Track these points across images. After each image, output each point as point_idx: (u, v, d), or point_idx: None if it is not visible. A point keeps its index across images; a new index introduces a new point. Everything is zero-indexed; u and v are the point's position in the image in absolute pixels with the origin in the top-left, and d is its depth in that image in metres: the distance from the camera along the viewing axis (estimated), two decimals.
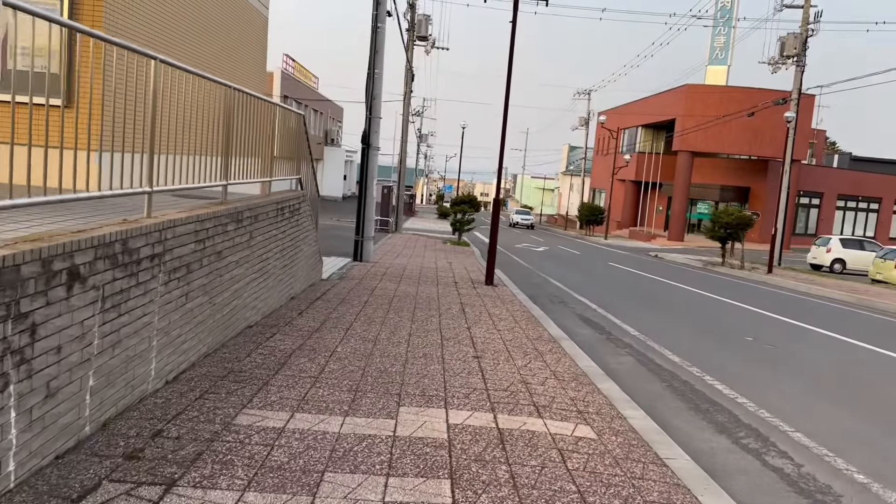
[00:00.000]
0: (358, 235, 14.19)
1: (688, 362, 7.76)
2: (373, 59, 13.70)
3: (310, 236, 9.65)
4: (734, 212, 25.17)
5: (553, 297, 12.58)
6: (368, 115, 13.96)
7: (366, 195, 14.11)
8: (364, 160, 14.08)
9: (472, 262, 17.17)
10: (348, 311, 8.02)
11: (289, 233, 8.23)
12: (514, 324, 8.26)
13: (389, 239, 23.05)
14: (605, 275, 18.82)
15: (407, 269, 13.59)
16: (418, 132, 72.26)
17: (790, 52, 26.28)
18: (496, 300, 10.23)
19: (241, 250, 6.25)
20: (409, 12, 28.60)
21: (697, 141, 40.42)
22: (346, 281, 10.82)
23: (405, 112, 29.17)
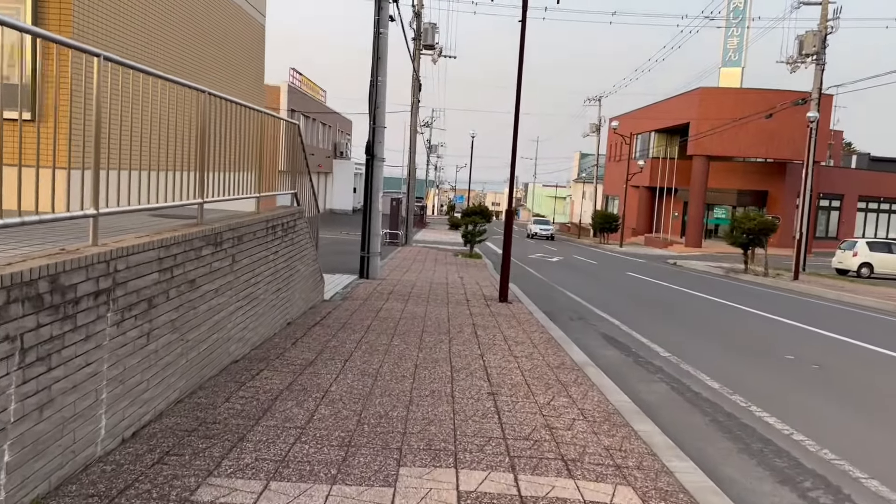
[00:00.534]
0: (364, 251, 13.47)
1: (728, 389, 6.93)
2: (375, 66, 13.02)
3: (308, 255, 8.93)
4: (756, 216, 24.24)
5: (572, 313, 11.76)
6: (372, 124, 13.27)
7: (371, 209, 13.39)
8: (368, 172, 13.37)
9: (485, 276, 16.38)
10: (349, 339, 7.26)
11: (282, 253, 7.50)
12: (532, 348, 7.46)
13: (399, 252, 22.32)
14: (625, 286, 17.96)
15: (416, 286, 12.83)
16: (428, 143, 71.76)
17: (809, 51, 25.37)
18: (511, 320, 9.44)
19: (222, 276, 5.52)
20: (415, 21, 28.01)
21: (713, 144, 39.48)
22: (349, 302, 10.07)
23: (413, 122, 28.52)
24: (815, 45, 25.19)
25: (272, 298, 7.09)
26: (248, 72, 12.32)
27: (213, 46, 10.72)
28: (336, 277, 13.18)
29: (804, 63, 25.88)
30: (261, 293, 6.64)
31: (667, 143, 47.82)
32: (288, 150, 8.09)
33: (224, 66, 11.18)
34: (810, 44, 25.30)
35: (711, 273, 25.48)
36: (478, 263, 20.69)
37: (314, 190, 9.57)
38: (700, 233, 41.40)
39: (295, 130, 8.26)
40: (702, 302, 15.06)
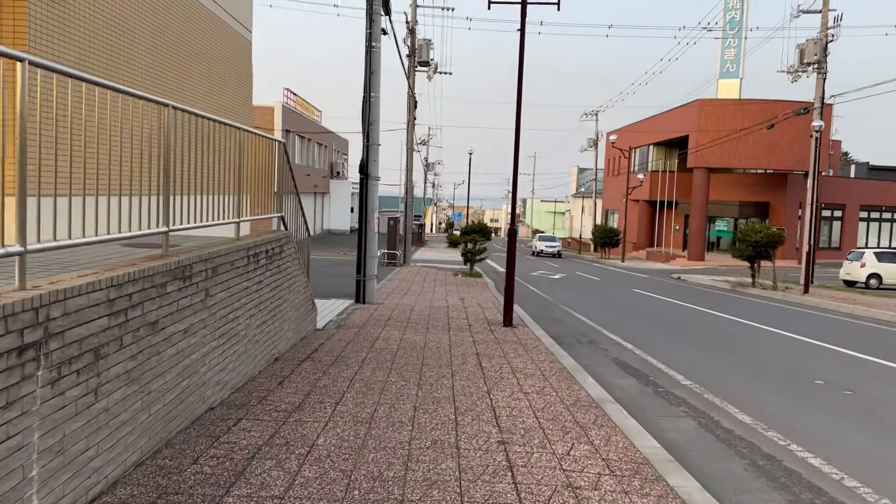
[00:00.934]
0: (359, 275, 12.82)
1: (762, 423, 6.26)
2: (368, 82, 12.46)
3: (297, 283, 8.28)
4: (762, 228, 23.63)
5: (580, 335, 11.10)
6: (366, 142, 12.68)
7: (366, 230, 12.76)
8: (363, 191, 12.76)
9: (487, 297, 15.72)
10: (341, 375, 6.59)
11: (267, 282, 6.86)
12: (543, 381, 6.79)
13: (397, 273, 21.67)
14: (632, 303, 17.30)
15: (415, 310, 12.17)
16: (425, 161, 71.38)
17: (810, 59, 24.96)
18: (518, 347, 8.77)
19: (193, 314, 4.87)
20: (409, 37, 27.60)
21: (713, 157, 39.03)
22: (343, 331, 9.41)
23: (409, 140, 28.01)
24: (817, 54, 24.77)
25: (256, 334, 6.44)
26: (235, 89, 11.76)
27: (196, 63, 10.16)
28: (331, 303, 12.52)
29: (805, 72, 25.46)
30: (241, 329, 5.99)
31: (666, 156, 47.39)
32: (273, 170, 7.47)
33: (208, 82, 10.62)
34: (811, 52, 24.88)
35: (718, 288, 24.83)
36: (479, 283, 20.04)
37: (304, 212, 8.95)
38: (702, 246, 40.80)
39: (280, 149, 7.65)
40: (714, 320, 14.39)
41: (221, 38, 11.20)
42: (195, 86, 10.24)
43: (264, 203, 7.25)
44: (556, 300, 17.01)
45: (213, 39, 10.85)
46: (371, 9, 12.46)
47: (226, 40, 11.32)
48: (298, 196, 8.58)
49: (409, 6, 27.73)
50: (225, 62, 11.40)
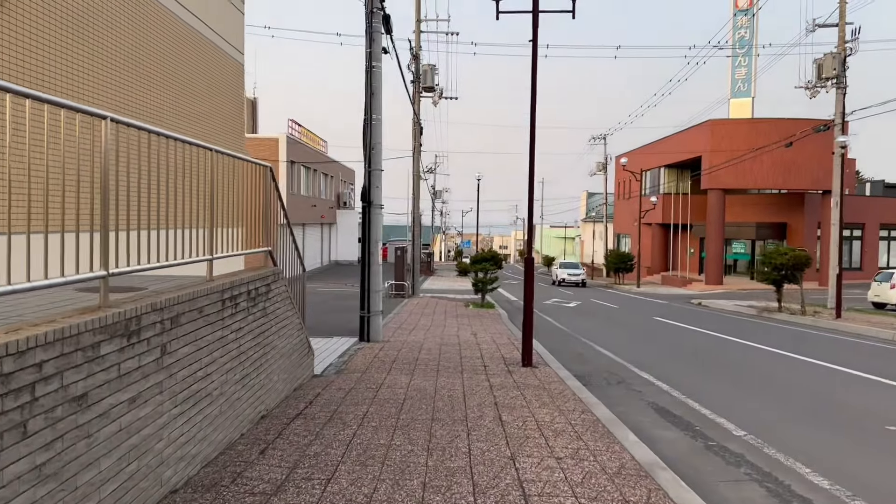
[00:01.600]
0: (363, 310, 11.83)
1: (842, 488, 5.17)
2: (369, 103, 11.63)
3: (289, 326, 7.30)
4: (787, 251, 22.52)
5: (608, 373, 10.02)
6: (367, 167, 11.80)
7: (369, 262, 11.81)
8: (366, 220, 11.83)
9: (501, 330, 14.67)
10: (336, 439, 5.57)
11: (250, 329, 5.88)
12: (576, 441, 5.74)
13: (405, 306, 20.66)
14: (656, 334, 16.18)
15: (424, 348, 11.14)
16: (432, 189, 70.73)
17: (829, 74, 24.06)
18: (541, 393, 7.72)
19: (144, 378, 3.89)
20: (413, 63, 26.97)
21: (727, 177, 38.04)
22: (344, 377, 8.39)
23: (415, 167, 27.22)
24: (835, 68, 23.88)
25: (235, 391, 5.44)
26: (224, 114, 10.92)
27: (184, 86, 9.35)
28: (333, 342, 11.52)
29: (824, 87, 24.55)
30: (215, 388, 5.00)
31: (678, 179, 46.46)
32: (258, 199, 6.55)
33: (198, 106, 9.79)
34: (830, 67, 24.00)
35: (743, 314, 23.65)
36: (491, 314, 19.01)
37: (297, 245, 8.00)
38: (720, 269, 39.59)
39: (267, 175, 6.73)
40: (749, 352, 13.25)
41: (212, 62, 10.40)
42: (183, 109, 9.41)
43: (249, 236, 6.32)
44: (574, 332, 15.93)
45: (202, 62, 10.05)
46: (371, 27, 11.67)
47: (217, 63, 10.52)
48: (290, 227, 7.64)
49: (412, 32, 27.16)
50: (216, 86, 10.59)
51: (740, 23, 38.77)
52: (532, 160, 10.00)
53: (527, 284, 9.70)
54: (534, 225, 11.26)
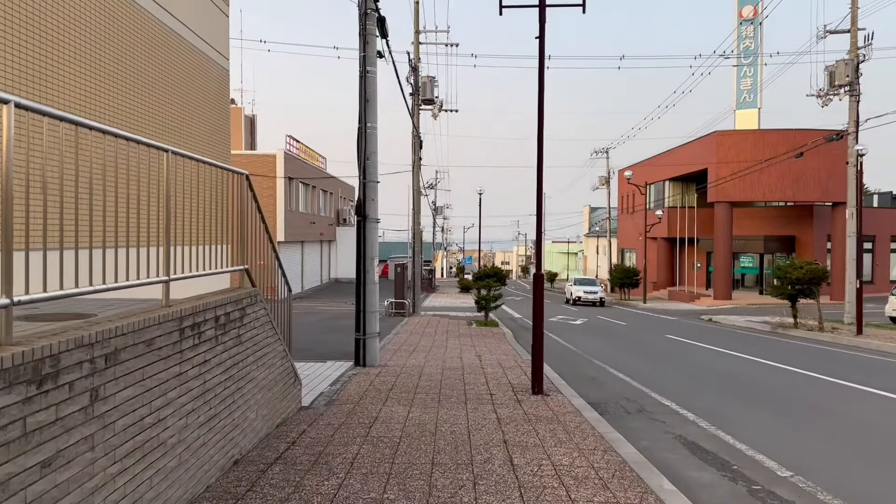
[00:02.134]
0: (358, 333, 10.99)
1: None
2: (364, 111, 10.88)
3: (271, 354, 6.47)
4: (803, 264, 21.67)
5: (625, 400, 9.15)
6: (362, 178, 11.02)
7: (365, 280, 10.99)
8: (360, 236, 11.04)
9: (506, 351, 13.82)
10: (319, 491, 4.72)
11: (218, 360, 5.06)
12: (602, 490, 4.88)
13: (405, 325, 19.80)
14: (670, 353, 15.30)
15: (424, 373, 10.29)
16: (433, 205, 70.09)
17: (842, 81, 23.35)
18: (555, 427, 6.86)
19: (66, 433, 3.07)
20: (412, 76, 26.32)
21: (735, 190, 37.25)
22: (335, 409, 7.54)
23: (414, 181, 26.48)
24: (848, 75, 23.18)
25: (199, 435, 4.60)
26: (208, 122, 10.17)
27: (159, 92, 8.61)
28: (326, 368, 10.68)
29: (837, 95, 23.83)
30: (170, 436, 4.16)
31: (683, 192, 45.71)
32: (232, 210, 5.75)
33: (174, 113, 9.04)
34: (842, 74, 23.29)
35: (757, 330, 22.75)
36: (495, 333, 18.14)
37: (281, 263, 7.19)
38: (729, 284, 38.69)
39: (242, 184, 5.94)
40: (774, 373, 12.37)
41: (195, 67, 9.68)
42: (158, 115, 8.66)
43: (227, 254, 5.51)
44: (584, 352, 15.05)
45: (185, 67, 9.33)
46: (364, 29, 10.95)
47: (200, 69, 9.80)
48: (273, 244, 6.83)
49: (410, 44, 26.56)
50: (200, 93, 9.86)
51: (745, 33, 38.19)
52: (540, 166, 9.20)
53: (536, 303, 8.86)
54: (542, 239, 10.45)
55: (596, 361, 13.44)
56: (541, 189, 9.22)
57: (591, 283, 38.41)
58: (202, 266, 5.03)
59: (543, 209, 9.35)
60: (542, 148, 9.06)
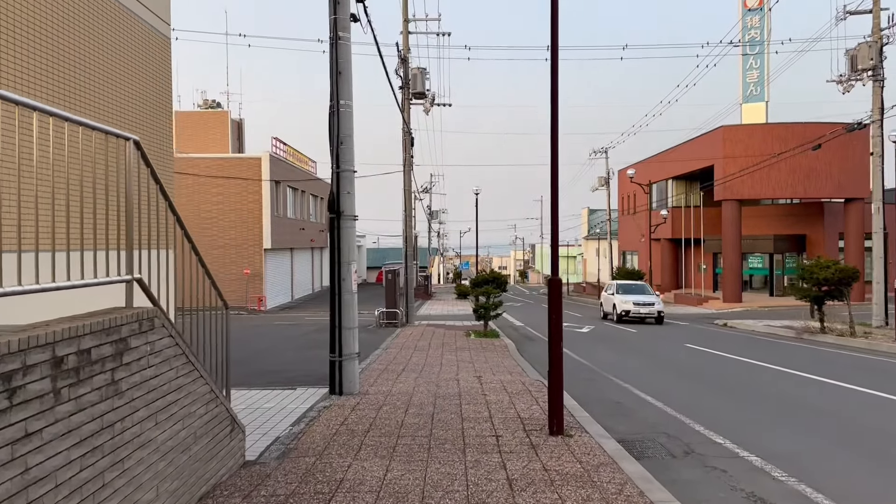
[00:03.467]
0: (333, 354, 9.06)
1: None
2: (335, 86, 8.99)
3: (184, 400, 4.54)
4: (829, 263, 19.80)
5: (666, 437, 7.25)
6: (335, 167, 9.12)
7: (340, 290, 9.07)
8: (333, 236, 9.13)
9: (511, 368, 11.91)
10: None
11: (64, 428, 3.13)
12: None
13: (396, 338, 17.87)
14: (699, 368, 13.39)
15: (412, 403, 8.37)
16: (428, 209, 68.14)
17: (865, 65, 21.57)
18: (590, 493, 4.95)
19: None
20: (402, 67, 24.48)
21: (743, 187, 35.47)
22: (288, 465, 5.61)
23: (406, 181, 24.59)
24: (872, 58, 21.40)
25: None
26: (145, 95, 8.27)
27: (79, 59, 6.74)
28: (294, 398, 8.76)
29: (860, 80, 22.05)
30: None
31: (686, 191, 43.92)
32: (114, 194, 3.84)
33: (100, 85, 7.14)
34: (865, 57, 21.52)
35: (780, 336, 20.88)
36: (496, 345, 16.23)
37: (208, 271, 5.25)
38: (738, 286, 36.87)
39: (129, 152, 4.02)
40: (836, 394, 10.47)
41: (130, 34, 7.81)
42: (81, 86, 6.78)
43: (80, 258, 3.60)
44: (599, 367, 13.13)
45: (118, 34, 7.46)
46: None
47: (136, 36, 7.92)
48: (191, 241, 4.91)
49: (399, 34, 24.71)
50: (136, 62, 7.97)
51: (750, 23, 36.48)
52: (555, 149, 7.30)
53: (553, 320, 6.92)
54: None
55: (615, 380, 11.52)
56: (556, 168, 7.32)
57: (641, 289, 26.97)
58: (50, 276, 3.11)
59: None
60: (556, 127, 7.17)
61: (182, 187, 34.98)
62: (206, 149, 40.34)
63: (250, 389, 9.53)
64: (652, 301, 25.41)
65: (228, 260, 35.27)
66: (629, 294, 26.17)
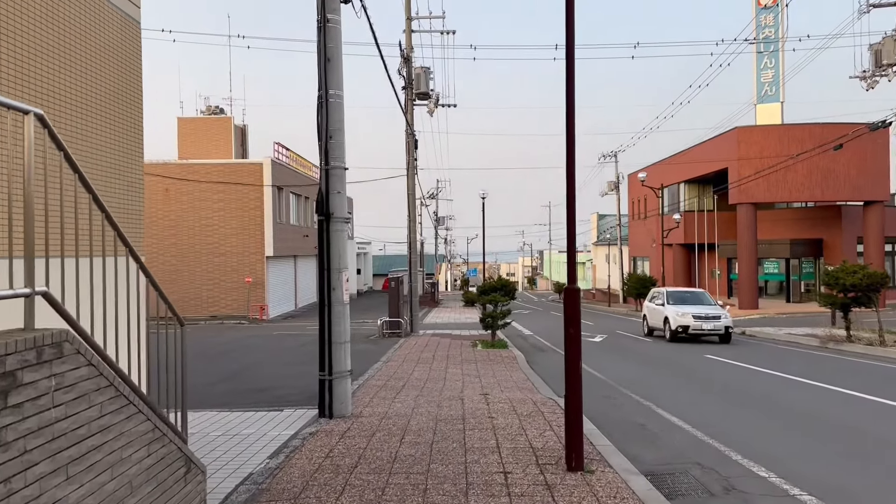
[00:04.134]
0: (323, 372, 8.13)
1: None
2: (324, 74, 8.10)
3: (112, 443, 3.62)
4: (856, 268, 18.74)
5: (701, 470, 6.27)
6: (324, 164, 8.23)
7: (330, 301, 8.15)
8: (322, 241, 8.22)
9: (520, 383, 10.97)
10: None
11: None
12: None
13: (398, 350, 16.94)
14: (725, 384, 12.39)
15: (410, 429, 7.43)
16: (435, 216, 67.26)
17: (890, 60, 20.59)
18: None
19: None
20: (405, 67, 23.63)
21: (758, 190, 34.38)
22: None
23: (410, 185, 23.70)
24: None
25: None
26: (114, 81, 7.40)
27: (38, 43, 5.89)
28: (278, 421, 7.84)
29: (885, 75, 21.06)
30: None
31: (699, 195, 42.86)
32: None
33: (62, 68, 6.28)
34: (891, 52, 20.53)
35: (802, 344, 19.80)
36: (504, 357, 15.28)
37: (147, 271, 4.33)
38: (755, 292, 35.73)
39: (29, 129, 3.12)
40: (872, 410, 9.46)
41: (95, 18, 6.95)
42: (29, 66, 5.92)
43: None
44: (617, 382, 12.14)
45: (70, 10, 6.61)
46: None
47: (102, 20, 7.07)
48: (124, 240, 3.99)
49: (402, 32, 23.87)
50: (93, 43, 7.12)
51: (764, 21, 35.47)
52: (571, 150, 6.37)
53: (569, 332, 5.95)
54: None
55: (635, 396, 10.55)
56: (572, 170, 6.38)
57: (698, 298, 21.49)
58: None
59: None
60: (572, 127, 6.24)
61: (182, 194, 34.27)
62: (208, 156, 39.58)
63: (231, 411, 8.61)
64: (717, 314, 20.08)
65: (230, 268, 34.48)
66: (685, 305, 20.55)
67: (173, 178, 33.99)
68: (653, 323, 22.23)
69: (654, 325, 22.10)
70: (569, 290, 5.84)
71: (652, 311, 22.53)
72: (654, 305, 22.50)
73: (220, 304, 34.42)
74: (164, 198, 34.41)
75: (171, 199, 34.44)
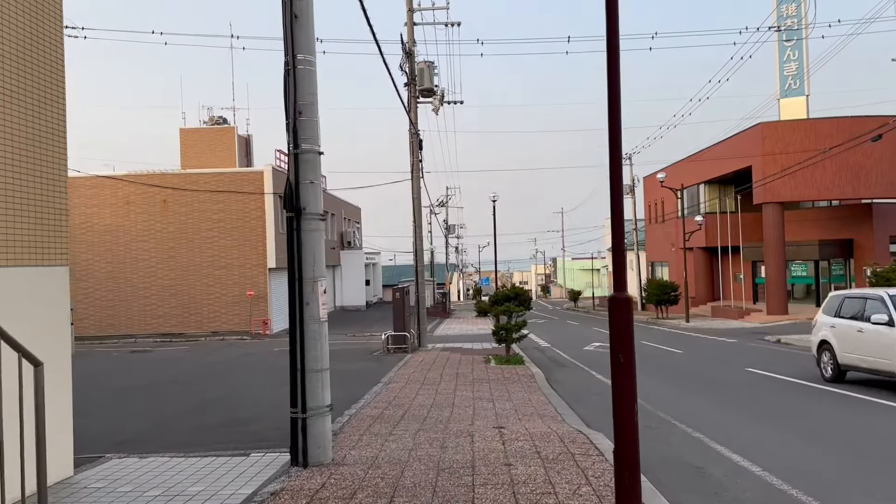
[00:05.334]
0: (295, 409, 6.44)
1: None
2: (290, 34, 6.50)
3: None
4: None
5: None
6: (292, 147, 6.60)
7: (302, 317, 6.48)
8: (292, 243, 6.56)
9: (542, 409, 9.25)
10: None
11: None
12: None
13: (403, 367, 15.24)
14: (777, 404, 10.60)
15: (402, 485, 5.73)
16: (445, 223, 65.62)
17: None
18: None
19: None
20: (407, 62, 22.06)
21: (785, 189, 32.47)
22: None
23: (414, 187, 22.09)
24: None
25: None
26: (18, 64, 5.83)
27: None
28: (238, 471, 6.17)
29: None
30: None
31: (720, 195, 40.92)
32: None
33: None
34: None
35: None
36: (520, 375, 13.56)
37: None
38: (784, 296, 33.76)
39: None
40: None
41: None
42: None
43: None
44: (653, 404, 10.34)
45: None
46: None
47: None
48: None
49: (403, 25, 22.32)
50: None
51: (786, 11, 33.65)
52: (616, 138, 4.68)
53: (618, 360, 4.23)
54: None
55: (680, 425, 8.79)
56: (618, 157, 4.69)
57: None
58: None
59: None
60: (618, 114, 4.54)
61: (180, 205, 32.86)
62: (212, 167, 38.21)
63: (187, 456, 6.95)
64: None
65: (230, 281, 33.00)
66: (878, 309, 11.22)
67: (171, 187, 32.62)
68: (849, 356, 11.92)
69: (851, 360, 11.87)
70: (615, 300, 4.14)
71: (847, 335, 12.02)
72: (855, 325, 11.83)
73: (222, 320, 32.92)
74: (162, 209, 33.07)
75: (169, 211, 33.08)
